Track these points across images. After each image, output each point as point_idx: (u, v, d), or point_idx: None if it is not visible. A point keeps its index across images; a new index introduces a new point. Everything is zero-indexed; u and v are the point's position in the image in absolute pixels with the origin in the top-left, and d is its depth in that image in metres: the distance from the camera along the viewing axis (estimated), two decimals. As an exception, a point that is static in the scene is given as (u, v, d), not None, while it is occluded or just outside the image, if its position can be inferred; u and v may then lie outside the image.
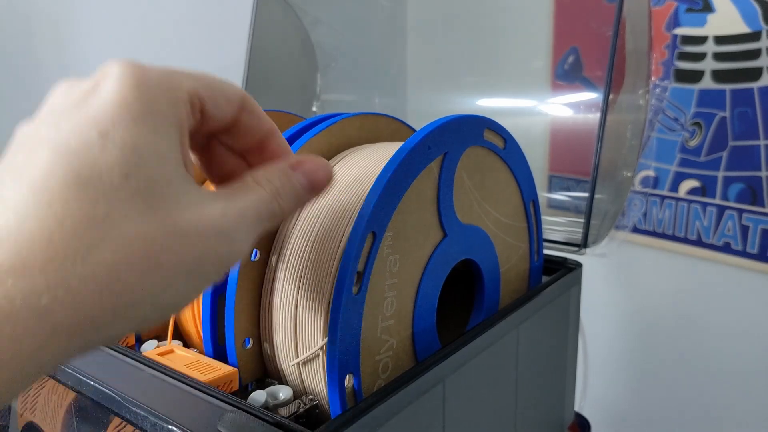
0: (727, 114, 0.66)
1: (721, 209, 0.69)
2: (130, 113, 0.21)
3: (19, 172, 0.20)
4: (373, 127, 0.41)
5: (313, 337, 0.31)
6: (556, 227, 0.52)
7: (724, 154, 0.67)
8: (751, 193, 0.66)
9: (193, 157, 0.27)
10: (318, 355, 0.31)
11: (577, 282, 0.47)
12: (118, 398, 0.29)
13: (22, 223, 0.19)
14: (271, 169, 0.26)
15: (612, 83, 0.47)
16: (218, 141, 0.27)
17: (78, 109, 0.21)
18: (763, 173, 0.65)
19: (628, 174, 0.52)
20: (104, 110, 0.21)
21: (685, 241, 0.72)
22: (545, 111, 0.62)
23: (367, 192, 0.31)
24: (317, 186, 0.26)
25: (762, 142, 0.64)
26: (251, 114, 0.26)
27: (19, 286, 0.18)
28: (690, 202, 0.71)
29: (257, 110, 0.26)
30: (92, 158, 0.20)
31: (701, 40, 0.67)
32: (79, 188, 0.19)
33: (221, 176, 0.27)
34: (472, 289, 0.39)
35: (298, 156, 0.27)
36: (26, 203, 0.19)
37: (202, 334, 0.35)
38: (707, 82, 0.67)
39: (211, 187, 0.27)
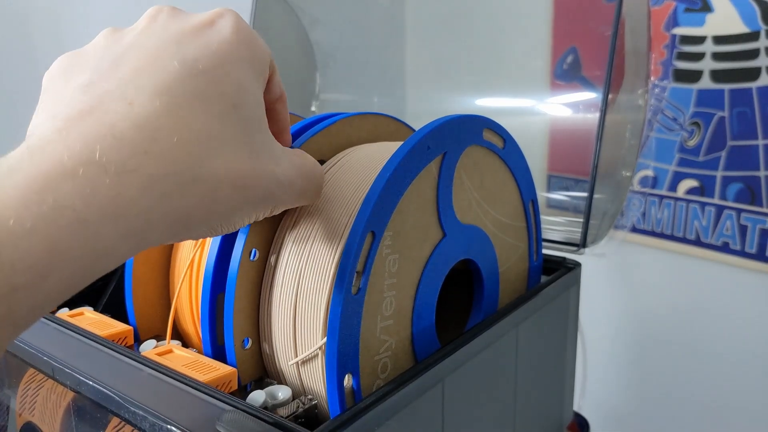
0: (726, 114, 0.66)
1: (720, 209, 0.69)
2: (240, 55, 0.24)
3: (139, 70, 0.22)
4: (372, 126, 0.41)
5: (312, 336, 0.31)
6: (555, 227, 0.52)
7: (723, 154, 0.67)
8: (750, 193, 0.66)
9: None
10: (317, 355, 0.31)
11: (576, 282, 0.47)
12: (117, 398, 0.29)
13: (158, 118, 0.21)
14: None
15: (611, 83, 0.47)
16: None
17: (198, 37, 0.24)
18: (761, 173, 0.65)
19: (627, 174, 0.52)
20: (223, 45, 0.24)
21: (683, 240, 0.72)
22: (544, 111, 0.62)
23: (366, 192, 0.31)
24: (321, 189, 0.31)
25: (760, 142, 0.65)
26: (284, 106, 0.30)
27: (151, 170, 0.20)
28: (689, 201, 0.71)
29: (286, 105, 0.30)
30: (214, 82, 0.23)
31: (700, 40, 0.67)
32: (203, 104, 0.22)
33: None
34: (471, 288, 0.39)
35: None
36: (158, 101, 0.21)
37: (201, 334, 0.35)
38: (706, 82, 0.67)
39: None
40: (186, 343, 0.40)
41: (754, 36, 0.63)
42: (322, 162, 0.36)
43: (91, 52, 0.24)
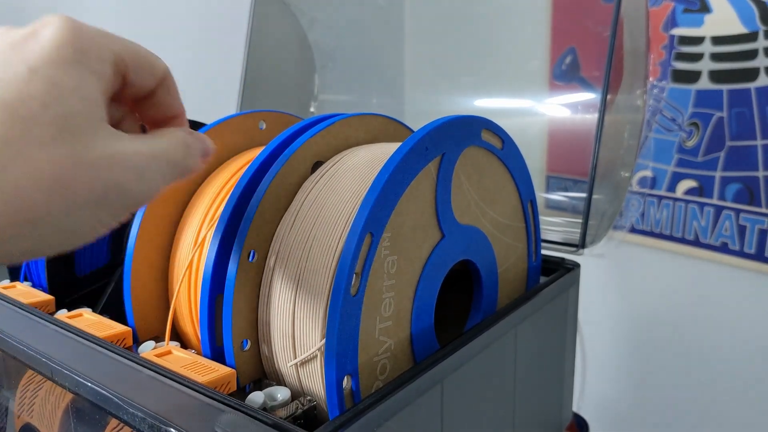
0: (725, 114, 0.66)
1: (719, 209, 0.69)
2: (59, 56, 0.23)
3: None
4: (370, 127, 0.41)
5: (311, 338, 0.31)
6: (554, 227, 0.52)
7: (722, 155, 0.67)
8: (748, 193, 0.66)
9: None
10: (316, 356, 0.31)
11: (575, 282, 0.47)
12: (116, 399, 0.28)
13: None
14: (181, 127, 0.29)
15: (610, 83, 0.47)
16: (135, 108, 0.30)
17: (14, 49, 0.23)
18: (760, 173, 0.65)
19: (626, 174, 0.52)
20: (38, 51, 0.23)
21: (682, 241, 0.72)
22: (543, 111, 0.62)
23: (364, 193, 0.31)
24: (209, 152, 0.30)
25: (759, 143, 0.65)
26: (168, 91, 0.29)
27: None
28: (687, 202, 0.71)
29: (174, 90, 0.29)
30: (18, 88, 0.22)
31: (698, 40, 0.67)
32: (2, 111, 0.21)
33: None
34: (470, 289, 0.39)
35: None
36: None
37: (199, 336, 0.35)
38: (704, 83, 0.67)
39: None
40: (185, 345, 0.40)
41: (752, 36, 0.63)
42: (320, 163, 0.36)
43: None
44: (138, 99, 0.28)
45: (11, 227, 0.21)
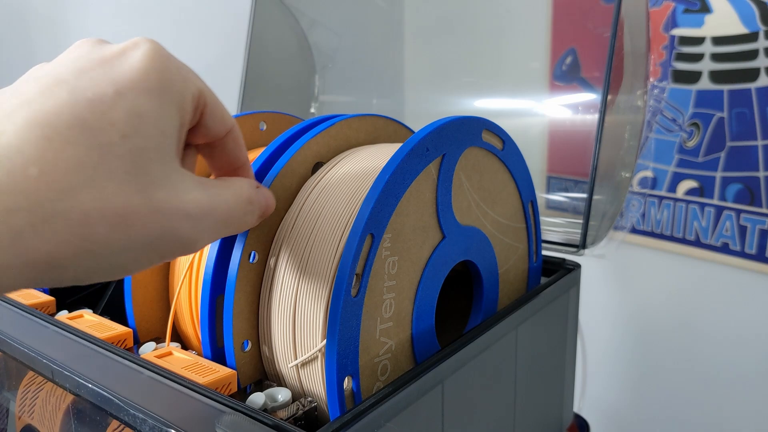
0: (725, 114, 0.66)
1: (719, 210, 0.69)
2: (146, 83, 0.23)
3: (29, 101, 0.21)
4: (371, 128, 0.41)
5: (312, 339, 0.31)
6: (555, 228, 0.52)
7: (722, 155, 0.67)
8: (749, 194, 0.66)
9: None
10: (317, 357, 0.31)
11: (576, 283, 0.47)
12: (117, 401, 0.28)
13: (23, 147, 0.20)
14: (248, 180, 0.29)
15: (610, 84, 0.47)
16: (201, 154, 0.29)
17: (102, 66, 0.23)
18: (760, 173, 0.65)
19: (627, 175, 0.52)
20: (126, 74, 0.22)
21: (683, 241, 0.72)
22: (543, 112, 0.62)
23: (365, 194, 0.31)
24: (268, 211, 0.30)
25: (759, 143, 0.65)
26: (235, 143, 0.28)
27: (4, 203, 0.19)
28: (688, 202, 0.71)
29: (241, 142, 0.29)
30: (101, 111, 0.21)
31: (699, 40, 0.67)
32: (82, 133, 0.21)
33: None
34: (470, 290, 0.39)
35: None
36: (30, 131, 0.20)
37: (200, 337, 0.35)
38: (705, 83, 0.67)
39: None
40: (185, 346, 0.40)
41: (752, 37, 0.63)
42: (321, 164, 0.36)
43: (9, 88, 0.24)
44: (209, 146, 0.28)
45: (72, 256, 0.21)
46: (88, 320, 0.38)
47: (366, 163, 0.35)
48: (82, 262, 0.21)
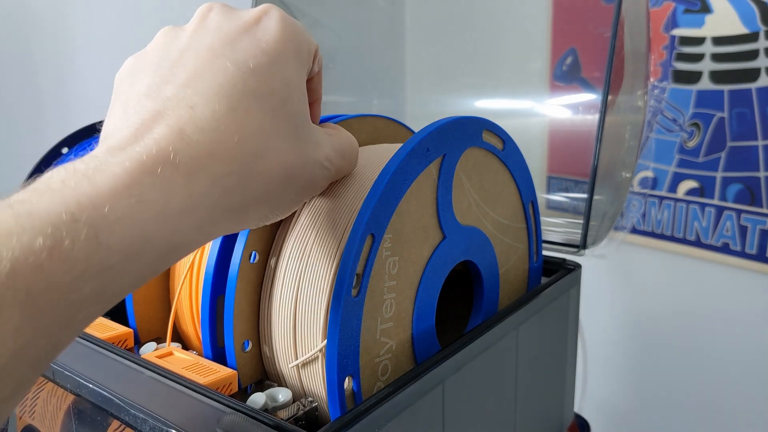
0: (725, 115, 0.66)
1: (720, 210, 0.69)
2: (288, 51, 0.26)
3: (199, 75, 0.24)
4: (371, 128, 0.41)
5: (313, 339, 0.31)
6: (555, 228, 0.52)
7: (723, 155, 0.67)
8: (750, 194, 0.66)
9: None
10: (317, 357, 0.31)
11: (576, 283, 0.47)
12: (117, 401, 0.29)
13: (218, 120, 0.23)
14: (345, 131, 0.32)
15: (610, 84, 0.47)
16: None
17: (248, 35, 0.25)
18: (761, 174, 0.65)
19: (627, 175, 0.52)
20: (271, 44, 0.25)
21: (683, 241, 0.72)
22: (544, 112, 0.62)
23: (365, 194, 0.31)
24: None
25: (760, 143, 0.65)
26: (320, 78, 0.31)
27: (216, 170, 0.22)
28: (688, 202, 0.71)
29: (321, 77, 0.31)
30: (265, 80, 0.24)
31: (699, 41, 0.67)
32: (257, 102, 0.24)
33: None
34: (471, 290, 0.39)
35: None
36: (218, 103, 0.23)
37: (201, 337, 0.35)
38: (705, 83, 0.67)
39: None
40: (186, 346, 0.40)
41: (753, 37, 0.63)
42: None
43: (152, 53, 0.26)
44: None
45: (254, 206, 0.24)
46: (88, 320, 0.38)
47: (366, 164, 0.35)
48: (265, 211, 0.25)
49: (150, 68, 0.25)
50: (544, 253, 0.47)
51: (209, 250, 0.34)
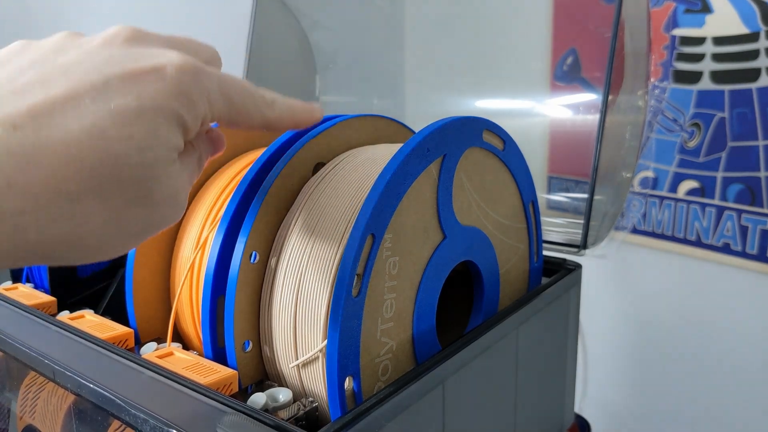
0: (726, 115, 0.66)
1: (720, 210, 0.69)
2: (173, 103, 0.23)
3: (56, 104, 0.21)
4: (371, 129, 0.41)
5: (313, 339, 0.31)
6: (556, 228, 0.52)
7: (723, 155, 0.67)
8: (750, 194, 0.66)
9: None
10: (317, 357, 0.31)
11: (577, 283, 0.47)
12: (118, 401, 0.29)
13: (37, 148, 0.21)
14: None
15: (611, 84, 0.47)
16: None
17: (135, 81, 0.22)
18: (761, 174, 0.65)
19: (627, 175, 0.52)
20: (159, 90, 0.23)
21: (684, 241, 0.72)
22: (544, 112, 0.62)
23: (366, 194, 0.31)
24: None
25: (761, 143, 0.65)
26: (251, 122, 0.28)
27: (11, 203, 0.20)
28: (689, 202, 0.71)
29: (257, 118, 0.28)
30: (125, 124, 0.22)
31: (700, 41, 0.67)
32: (98, 142, 0.21)
33: None
34: (471, 290, 0.39)
35: None
36: None
37: (201, 337, 0.35)
38: (706, 83, 0.67)
39: None
40: (187, 346, 0.40)
41: (753, 37, 0.63)
42: (322, 164, 0.36)
43: (36, 51, 0.24)
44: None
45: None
46: (89, 320, 0.38)
47: (366, 164, 0.35)
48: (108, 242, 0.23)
49: (19, 65, 0.23)
50: (545, 253, 0.47)
51: (210, 250, 0.34)
